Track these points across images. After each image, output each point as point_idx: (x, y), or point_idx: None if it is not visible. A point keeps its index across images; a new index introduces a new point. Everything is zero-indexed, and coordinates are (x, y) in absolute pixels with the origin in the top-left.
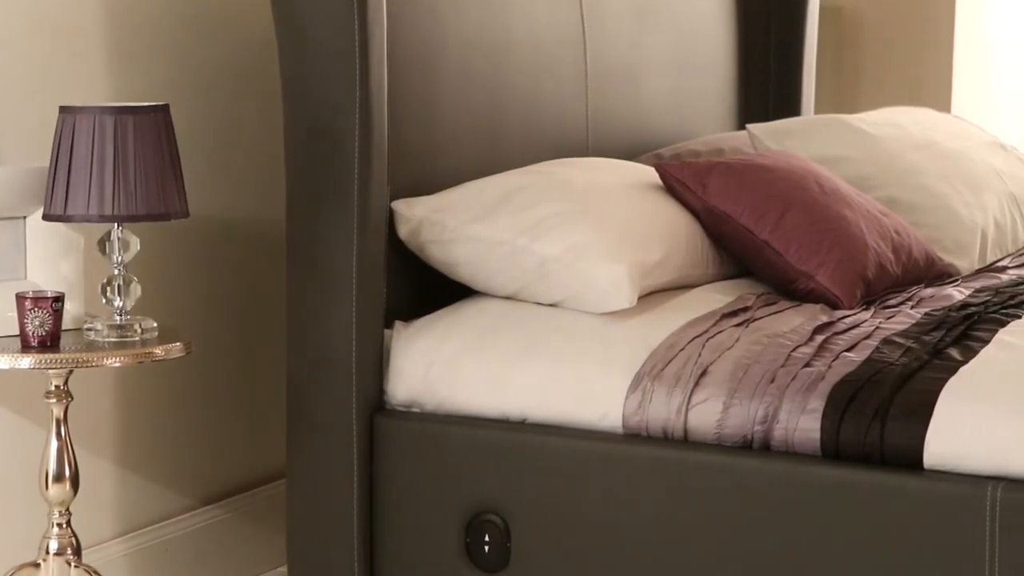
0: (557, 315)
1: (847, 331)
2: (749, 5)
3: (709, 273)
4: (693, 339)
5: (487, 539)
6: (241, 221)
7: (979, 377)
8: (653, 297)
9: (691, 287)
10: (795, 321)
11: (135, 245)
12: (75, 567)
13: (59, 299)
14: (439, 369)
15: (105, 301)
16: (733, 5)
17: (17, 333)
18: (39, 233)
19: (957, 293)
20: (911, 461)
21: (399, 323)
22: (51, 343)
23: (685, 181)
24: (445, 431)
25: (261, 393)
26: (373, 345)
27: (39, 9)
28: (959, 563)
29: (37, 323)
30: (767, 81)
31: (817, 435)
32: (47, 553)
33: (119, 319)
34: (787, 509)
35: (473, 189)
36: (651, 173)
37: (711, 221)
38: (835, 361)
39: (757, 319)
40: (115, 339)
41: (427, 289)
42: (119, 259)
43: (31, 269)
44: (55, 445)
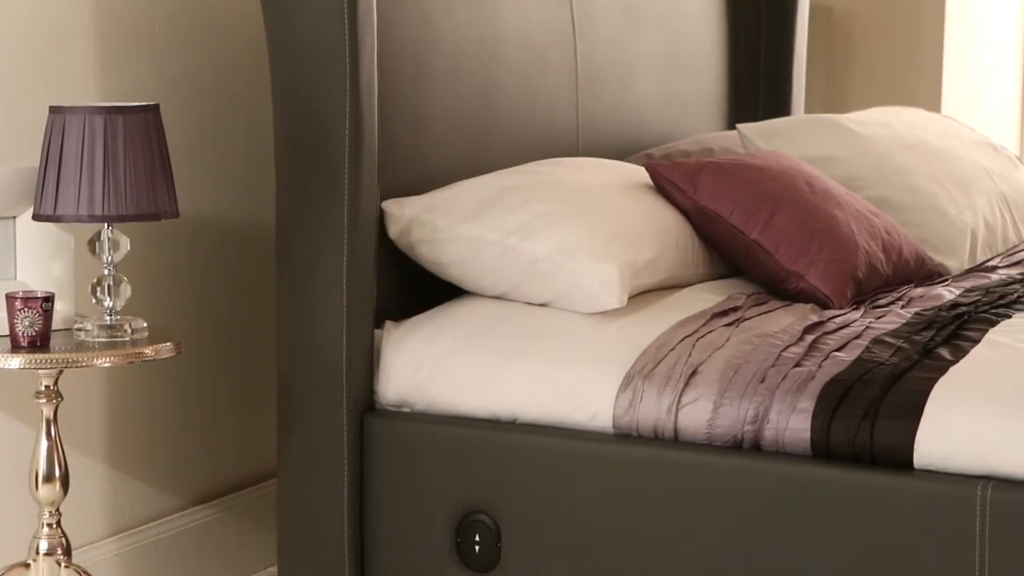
0: (547, 315)
1: (837, 331)
2: (739, 5)
3: (699, 273)
4: (683, 339)
5: (477, 539)
6: (231, 221)
7: (969, 377)
8: (643, 297)
9: (681, 287)
10: (785, 321)
11: (125, 245)
12: (65, 567)
13: (49, 299)
14: (429, 369)
15: (95, 301)
16: (723, 5)
17: (7, 333)
18: (29, 233)
19: (947, 293)
20: (901, 461)
21: (389, 323)
22: (41, 343)
23: (675, 181)
24: (435, 431)
25: (251, 393)
26: (363, 345)
27: (30, 10)
28: (949, 562)
29: (27, 323)
30: (757, 81)
31: (807, 435)
32: (37, 553)
33: (109, 319)
34: (777, 509)
35: (463, 189)
36: (641, 173)
37: (701, 221)
38: (825, 361)
39: (747, 319)
40: (105, 339)
41: (417, 289)
42: (109, 259)
43: (21, 269)
44: (45, 445)
